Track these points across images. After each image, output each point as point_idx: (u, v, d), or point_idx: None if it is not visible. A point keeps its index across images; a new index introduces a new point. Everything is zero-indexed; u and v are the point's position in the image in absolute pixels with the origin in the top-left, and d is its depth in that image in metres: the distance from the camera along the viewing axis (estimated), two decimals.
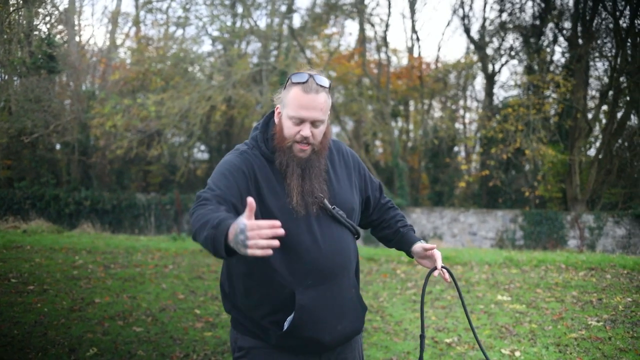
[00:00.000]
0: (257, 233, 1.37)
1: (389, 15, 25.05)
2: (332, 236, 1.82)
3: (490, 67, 18.32)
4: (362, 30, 18.13)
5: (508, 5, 17.35)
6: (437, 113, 20.49)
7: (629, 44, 14.74)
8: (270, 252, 1.38)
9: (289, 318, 1.76)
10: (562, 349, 4.27)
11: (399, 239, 2.04)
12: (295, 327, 1.75)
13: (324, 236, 1.80)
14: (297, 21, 21.81)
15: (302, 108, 1.75)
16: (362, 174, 2.03)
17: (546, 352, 4.21)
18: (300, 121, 1.76)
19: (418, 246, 1.98)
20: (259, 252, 1.37)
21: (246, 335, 1.85)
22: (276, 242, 1.39)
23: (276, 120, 1.87)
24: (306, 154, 1.80)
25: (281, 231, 1.40)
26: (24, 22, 9.38)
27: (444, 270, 1.91)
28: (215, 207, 1.62)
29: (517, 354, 4.17)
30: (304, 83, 1.76)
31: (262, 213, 1.74)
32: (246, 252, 1.37)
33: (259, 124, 1.92)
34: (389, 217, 2.08)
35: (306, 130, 1.76)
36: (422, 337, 1.99)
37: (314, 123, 1.77)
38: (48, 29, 12.14)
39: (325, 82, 1.80)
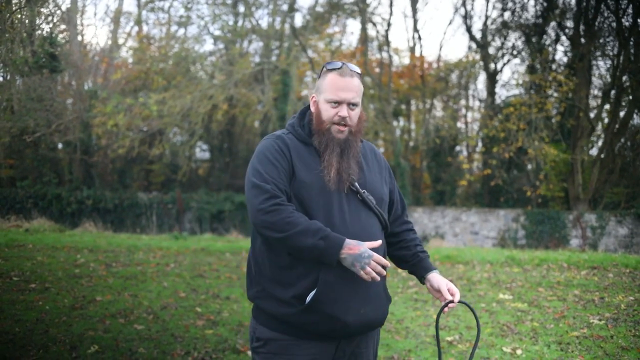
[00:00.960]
0: (376, 266, 1.73)
1: (390, 14, 25.07)
2: (360, 220, 1.87)
3: (492, 66, 18.29)
4: (363, 29, 18.11)
5: (510, 4, 17.33)
6: (439, 112, 20.45)
7: (631, 42, 14.70)
8: (378, 278, 1.74)
9: (312, 293, 1.78)
10: (564, 347, 4.26)
11: (416, 262, 2.04)
12: (317, 302, 1.77)
13: (352, 218, 1.85)
14: (298, 20, 21.83)
15: (340, 90, 1.87)
16: (392, 178, 2.12)
17: (548, 350, 4.20)
18: (338, 103, 1.88)
19: (434, 276, 1.98)
20: (368, 278, 1.73)
21: (265, 327, 1.87)
22: (378, 278, 1.74)
23: (312, 108, 1.97)
24: (344, 134, 1.90)
25: (384, 272, 1.77)
26: (27, 21, 9.39)
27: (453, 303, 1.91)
28: (293, 208, 1.79)
29: (519, 352, 4.16)
30: (339, 69, 1.90)
31: (296, 188, 1.83)
32: (359, 272, 1.73)
33: (296, 114, 2.03)
34: (410, 239, 2.09)
35: (344, 111, 1.88)
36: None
37: (350, 105, 1.89)
38: (50, 28, 12.17)
39: (358, 69, 1.94)
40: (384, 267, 1.75)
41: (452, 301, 1.89)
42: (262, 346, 1.87)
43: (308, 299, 1.79)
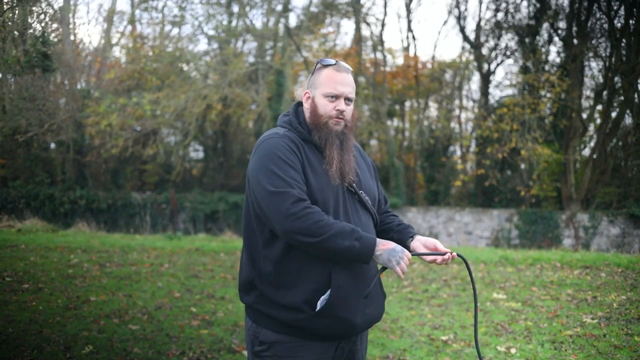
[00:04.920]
0: (407, 260, 1.77)
1: (384, 14, 25.06)
2: (360, 220, 1.90)
3: (485, 66, 18.37)
4: (358, 29, 18.13)
5: (503, 5, 17.41)
6: (432, 112, 20.52)
7: (623, 44, 14.81)
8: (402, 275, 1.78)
9: (323, 297, 1.78)
10: (557, 345, 4.29)
11: (401, 229, 2.07)
12: (330, 306, 1.77)
13: (355, 218, 1.88)
14: (293, 20, 21.75)
15: (338, 84, 1.90)
16: (376, 177, 2.16)
17: (541, 349, 4.23)
18: (336, 97, 1.90)
19: (420, 238, 1.98)
20: (401, 273, 1.76)
21: (269, 329, 1.84)
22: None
23: (306, 104, 1.96)
24: (341, 126, 1.92)
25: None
26: (19, 20, 9.32)
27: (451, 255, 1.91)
28: (319, 209, 1.77)
29: (513, 350, 4.19)
30: (334, 64, 1.94)
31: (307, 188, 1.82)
32: (395, 267, 1.75)
33: (289, 111, 2.02)
34: (390, 220, 2.14)
35: (342, 105, 1.90)
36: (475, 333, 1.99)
37: (346, 100, 1.91)
38: (43, 27, 12.05)
39: (350, 68, 1.97)
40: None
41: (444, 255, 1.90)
42: (266, 349, 1.84)
43: (320, 304, 1.77)
